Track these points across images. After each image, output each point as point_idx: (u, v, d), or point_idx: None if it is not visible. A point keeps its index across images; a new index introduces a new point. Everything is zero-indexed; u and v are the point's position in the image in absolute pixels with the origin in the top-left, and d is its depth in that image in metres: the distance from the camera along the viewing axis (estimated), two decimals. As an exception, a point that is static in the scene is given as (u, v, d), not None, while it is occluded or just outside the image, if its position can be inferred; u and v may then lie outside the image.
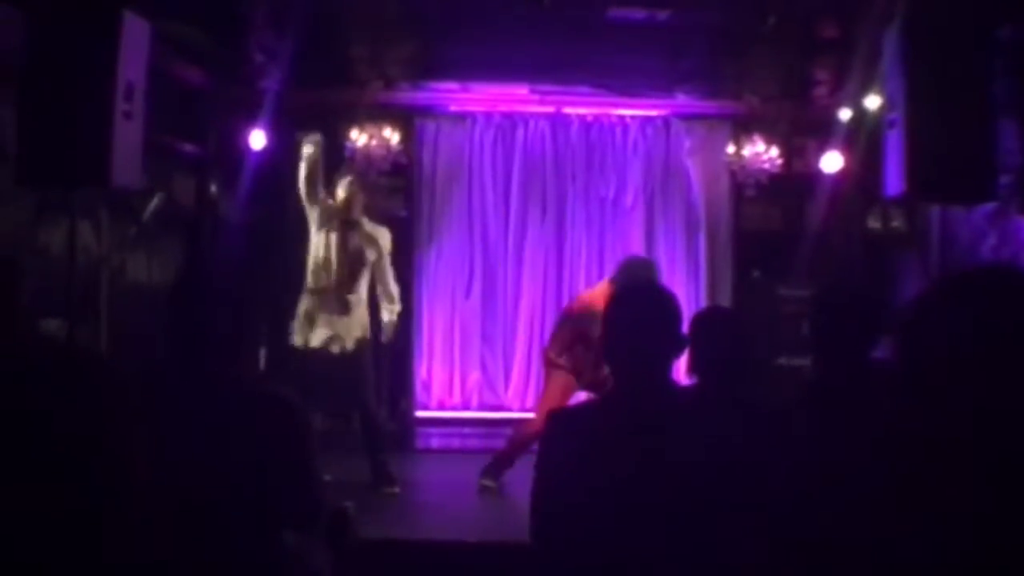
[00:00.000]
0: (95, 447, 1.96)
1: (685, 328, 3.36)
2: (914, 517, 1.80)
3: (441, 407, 10.50)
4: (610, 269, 8.75)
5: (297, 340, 7.75)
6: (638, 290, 3.66)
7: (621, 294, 3.63)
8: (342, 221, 7.90)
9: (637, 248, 10.39)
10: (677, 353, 3.35)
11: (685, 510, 3.02)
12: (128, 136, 5.94)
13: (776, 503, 3.18)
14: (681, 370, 4.27)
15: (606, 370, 7.69)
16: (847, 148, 9.80)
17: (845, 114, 9.77)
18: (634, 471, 3.05)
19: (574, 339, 7.93)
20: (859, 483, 2.23)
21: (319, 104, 10.28)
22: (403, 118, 10.45)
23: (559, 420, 3.47)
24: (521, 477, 7.72)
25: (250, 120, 9.62)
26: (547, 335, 10.49)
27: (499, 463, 8.07)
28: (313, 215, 7.95)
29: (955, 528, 1.72)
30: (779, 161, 10.29)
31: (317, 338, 7.72)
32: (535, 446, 3.50)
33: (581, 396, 8.02)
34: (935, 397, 1.78)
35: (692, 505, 3.03)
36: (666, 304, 3.31)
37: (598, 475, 3.10)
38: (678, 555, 3.01)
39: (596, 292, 8.04)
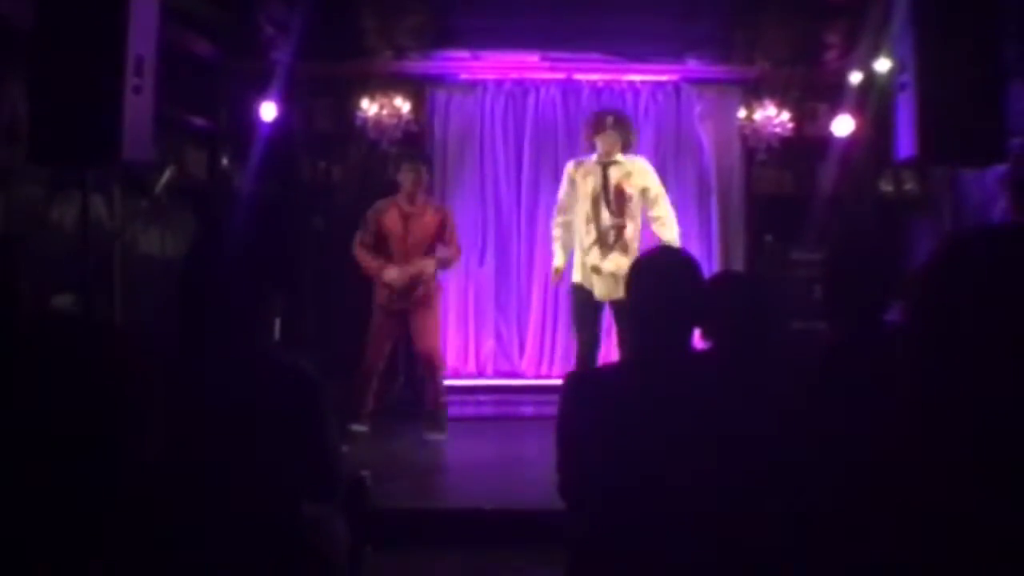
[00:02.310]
0: (107, 421, 1.98)
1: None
2: (923, 478, 1.81)
3: (456, 375, 10.51)
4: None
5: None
6: (661, 256, 3.67)
7: (644, 260, 3.64)
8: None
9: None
10: (699, 319, 3.37)
11: (705, 473, 3.05)
12: (139, 110, 5.94)
13: (793, 465, 3.20)
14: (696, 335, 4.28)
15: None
16: (858, 112, 9.79)
17: (856, 78, 9.74)
18: (656, 435, 3.07)
19: None
20: (871, 445, 2.24)
21: (330, 75, 10.31)
22: (414, 87, 10.45)
23: (578, 383, 3.50)
24: (536, 445, 7.78)
25: (261, 92, 9.62)
26: (561, 302, 10.56)
27: None
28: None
29: (963, 490, 1.73)
30: (790, 125, 10.28)
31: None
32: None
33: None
34: (945, 359, 1.79)
35: (711, 468, 3.05)
36: (689, 270, 3.33)
37: (620, 439, 3.13)
38: (699, 515, 3.04)
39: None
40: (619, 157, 8.21)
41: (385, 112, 10.10)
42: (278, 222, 9.59)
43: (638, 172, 8.24)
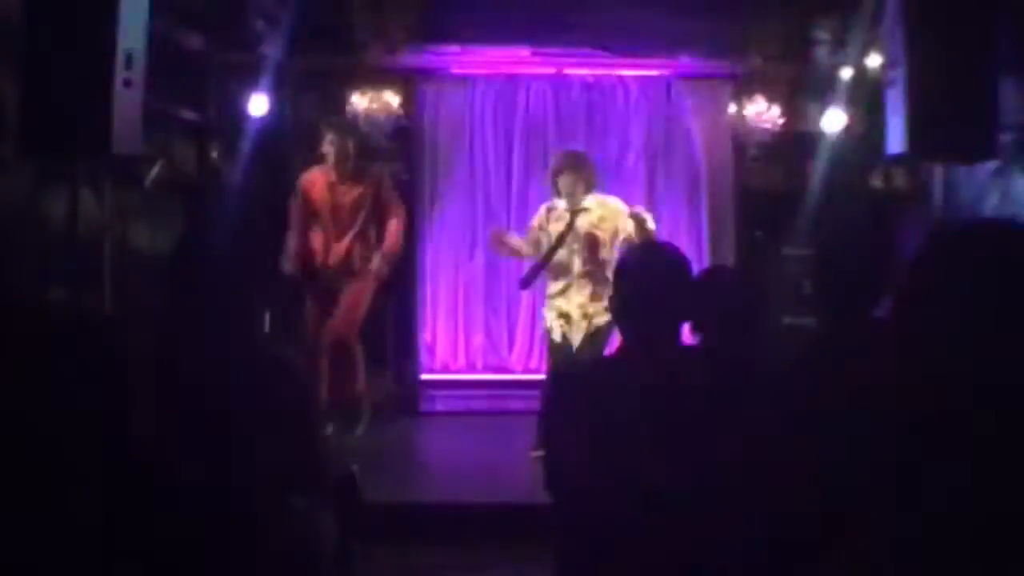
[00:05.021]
0: (102, 415, 1.97)
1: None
2: (912, 474, 1.81)
3: (445, 370, 10.52)
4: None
5: None
6: (649, 251, 3.68)
7: (632, 256, 3.64)
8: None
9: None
10: (688, 314, 3.37)
11: (691, 468, 3.05)
12: (128, 103, 5.94)
13: (780, 461, 3.20)
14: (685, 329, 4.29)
15: None
16: (849, 107, 9.79)
17: (847, 73, 9.75)
18: (642, 430, 3.07)
19: None
20: (859, 442, 2.25)
21: (320, 68, 10.28)
22: (404, 81, 10.43)
23: (567, 378, 3.49)
24: (525, 439, 7.77)
25: (251, 86, 9.60)
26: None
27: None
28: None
29: (948, 484, 1.73)
30: (781, 121, 10.26)
31: None
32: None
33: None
34: (930, 354, 1.79)
35: (698, 462, 3.05)
36: (677, 265, 3.33)
37: (606, 434, 3.13)
38: (685, 510, 3.03)
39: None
40: (587, 202, 7.90)
41: (375, 106, 10.08)
42: (267, 216, 9.56)
43: (610, 215, 7.87)
